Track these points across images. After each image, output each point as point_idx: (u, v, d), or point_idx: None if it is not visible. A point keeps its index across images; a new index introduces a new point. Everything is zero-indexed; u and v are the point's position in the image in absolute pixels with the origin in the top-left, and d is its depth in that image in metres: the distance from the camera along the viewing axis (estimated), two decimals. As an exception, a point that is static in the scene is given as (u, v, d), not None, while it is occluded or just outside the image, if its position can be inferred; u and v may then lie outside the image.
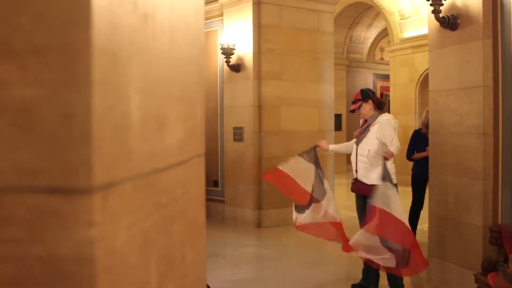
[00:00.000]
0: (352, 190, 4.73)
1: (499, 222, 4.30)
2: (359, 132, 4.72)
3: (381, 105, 4.69)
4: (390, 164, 4.52)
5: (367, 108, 4.61)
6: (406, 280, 4.62)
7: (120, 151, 0.57)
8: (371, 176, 4.49)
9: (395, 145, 4.38)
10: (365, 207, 4.66)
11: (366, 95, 4.64)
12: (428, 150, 5.69)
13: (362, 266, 4.91)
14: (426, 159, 5.63)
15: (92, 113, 0.51)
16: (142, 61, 0.64)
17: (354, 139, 4.79)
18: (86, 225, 0.52)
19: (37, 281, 0.52)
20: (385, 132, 4.47)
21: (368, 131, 4.58)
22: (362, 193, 4.58)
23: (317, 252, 6.49)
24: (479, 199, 4.41)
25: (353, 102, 4.73)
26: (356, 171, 4.64)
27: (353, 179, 4.70)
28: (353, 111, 4.76)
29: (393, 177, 4.55)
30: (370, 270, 4.84)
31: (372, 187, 4.45)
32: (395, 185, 4.57)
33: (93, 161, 0.51)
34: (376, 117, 4.57)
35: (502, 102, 4.31)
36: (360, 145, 4.64)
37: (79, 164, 0.51)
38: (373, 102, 4.62)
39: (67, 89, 0.51)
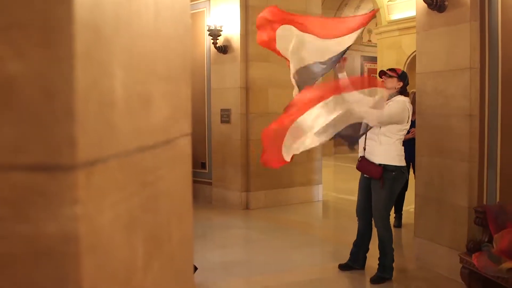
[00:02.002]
0: (358, 167, 4.71)
1: (484, 203, 4.35)
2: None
3: (404, 94, 4.71)
4: (399, 145, 4.54)
5: (394, 85, 4.64)
6: (392, 261, 4.67)
7: (104, 128, 0.57)
8: (379, 155, 4.52)
9: (388, 112, 4.39)
10: (368, 189, 4.67)
11: (404, 77, 4.72)
12: (412, 133, 5.72)
13: (349, 248, 4.96)
14: (410, 141, 5.66)
15: (75, 89, 0.50)
16: (126, 37, 0.63)
17: None
18: (70, 203, 0.51)
19: (21, 260, 0.51)
20: (394, 106, 4.51)
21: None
22: (367, 173, 4.60)
23: (304, 233, 6.53)
24: (465, 181, 4.46)
25: (390, 70, 4.76)
26: (364, 149, 4.64)
27: (360, 157, 4.69)
28: (385, 73, 4.74)
29: (402, 158, 4.57)
30: (359, 252, 4.89)
31: (379, 168, 4.46)
32: (404, 166, 4.58)
33: (77, 138, 0.51)
34: (393, 97, 4.60)
35: (488, 84, 4.34)
36: None
37: (63, 141, 0.51)
38: (401, 86, 4.67)
39: (50, 65, 0.50)
